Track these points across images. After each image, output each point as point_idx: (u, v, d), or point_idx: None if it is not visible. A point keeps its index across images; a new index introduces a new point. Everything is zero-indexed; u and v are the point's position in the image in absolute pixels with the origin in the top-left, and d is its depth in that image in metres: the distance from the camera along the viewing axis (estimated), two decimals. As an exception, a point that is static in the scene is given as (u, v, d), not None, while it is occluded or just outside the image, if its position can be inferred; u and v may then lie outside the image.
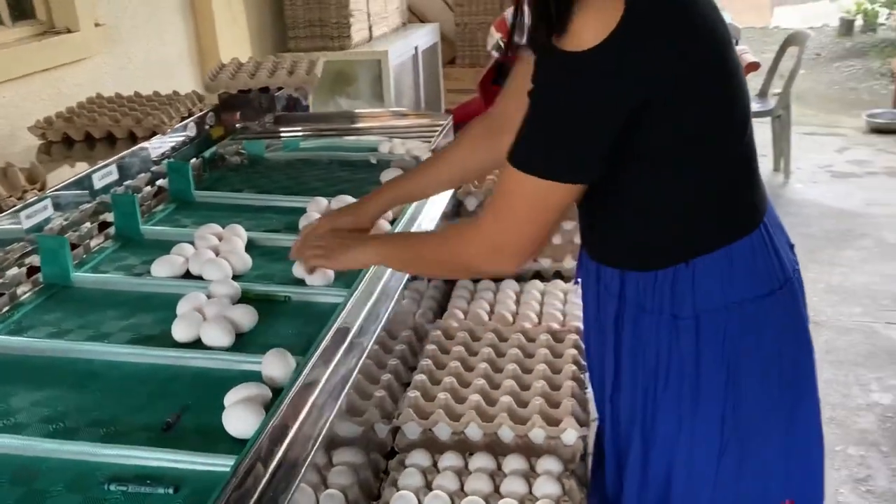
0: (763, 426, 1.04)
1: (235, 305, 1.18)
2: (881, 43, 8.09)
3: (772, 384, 1.03)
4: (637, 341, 1.06)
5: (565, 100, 0.89)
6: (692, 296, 1.00)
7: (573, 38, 0.86)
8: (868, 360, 2.67)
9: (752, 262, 1.00)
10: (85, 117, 1.80)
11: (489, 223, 1.00)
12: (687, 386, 1.03)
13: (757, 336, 1.01)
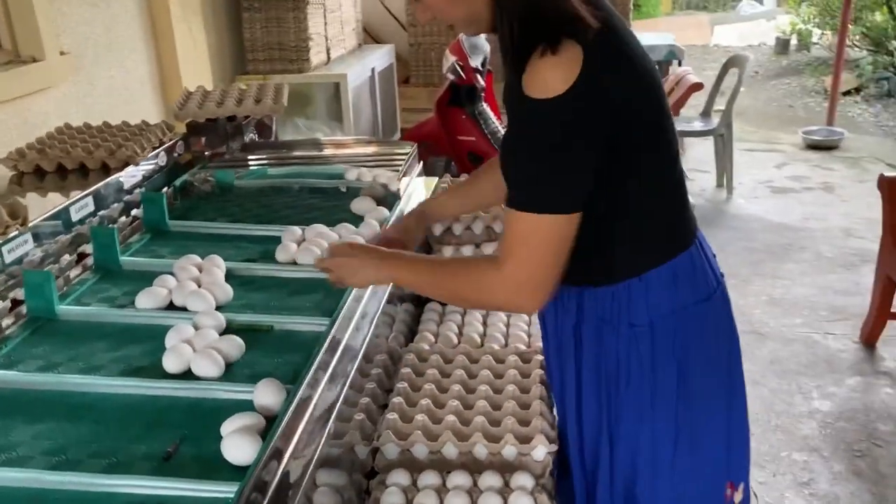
0: (709, 417, 1.19)
1: (222, 336, 1.23)
2: (815, 61, 8.49)
3: (714, 379, 1.19)
4: (598, 350, 1.18)
5: (550, 140, 1.00)
6: (646, 305, 1.13)
7: (544, 87, 0.97)
8: (809, 369, 2.84)
9: (692, 272, 1.15)
10: (57, 148, 1.82)
11: (510, 266, 1.07)
12: (645, 386, 1.16)
13: (701, 336, 1.16)
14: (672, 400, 1.16)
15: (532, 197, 1.03)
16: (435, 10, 1.07)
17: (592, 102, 0.99)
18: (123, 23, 2.61)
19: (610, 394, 1.19)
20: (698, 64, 8.78)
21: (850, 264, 3.69)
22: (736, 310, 3.30)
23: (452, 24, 1.12)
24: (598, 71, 0.98)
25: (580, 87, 0.97)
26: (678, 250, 1.15)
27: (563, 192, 1.03)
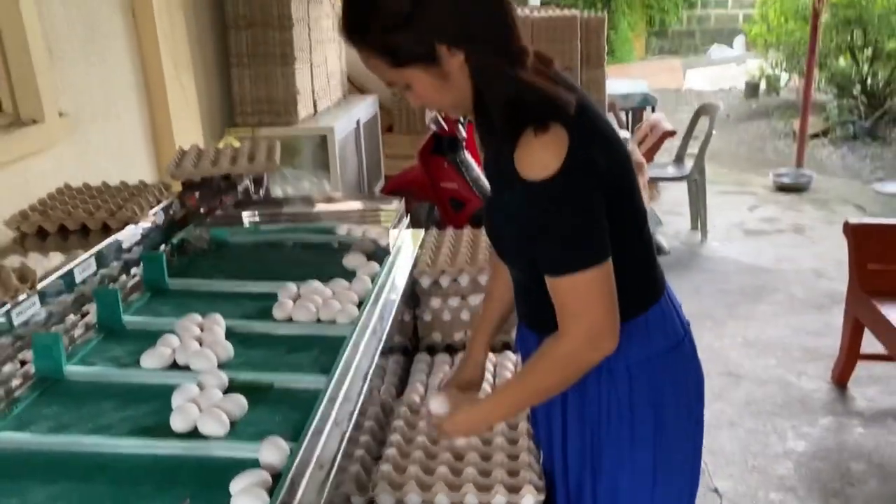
0: (680, 455, 1.32)
1: (226, 395, 1.30)
2: (784, 104, 8.76)
3: (685, 420, 1.31)
4: (581, 396, 1.29)
5: (564, 211, 1.12)
6: (624, 352, 1.23)
7: (541, 168, 1.10)
8: (784, 410, 2.93)
9: (663, 322, 1.28)
10: (59, 210, 1.89)
11: (574, 327, 1.16)
12: (625, 428, 1.28)
13: (673, 380, 1.28)
14: (649, 441, 1.29)
15: (569, 260, 1.13)
16: (423, 98, 1.17)
17: (585, 171, 1.12)
18: (119, 83, 2.69)
19: (593, 437, 1.31)
20: (672, 107, 9.03)
21: (822, 305, 3.81)
22: (711, 351, 3.42)
23: (439, 108, 1.21)
24: (582, 145, 1.11)
25: (571, 161, 1.09)
26: (651, 303, 1.28)
27: (595, 244, 1.14)
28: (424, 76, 1.13)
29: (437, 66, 1.12)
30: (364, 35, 1.13)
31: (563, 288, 1.16)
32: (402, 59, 1.12)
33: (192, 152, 2.34)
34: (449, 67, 1.12)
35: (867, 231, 2.97)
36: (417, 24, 1.09)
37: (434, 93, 1.16)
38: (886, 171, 6.23)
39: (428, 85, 1.14)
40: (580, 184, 1.11)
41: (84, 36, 2.49)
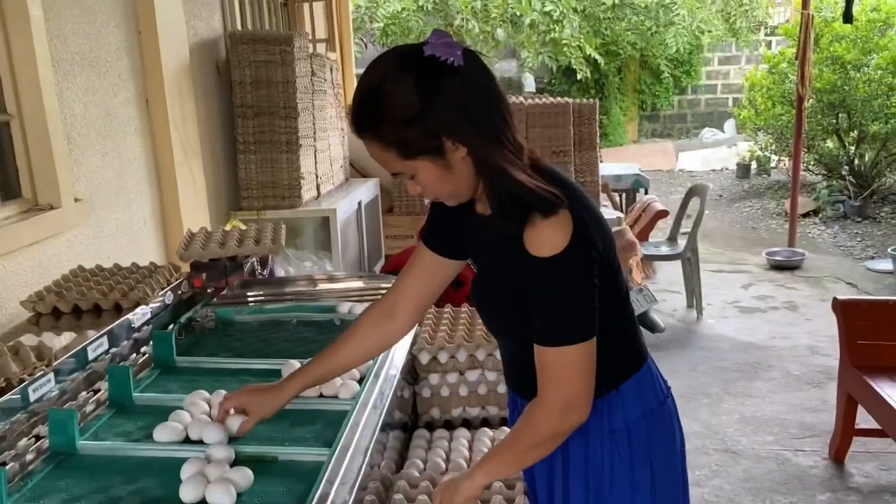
0: (674, 497, 1.42)
1: (233, 468, 1.35)
2: (775, 185, 8.97)
3: (675, 470, 1.41)
4: (585, 459, 1.38)
5: (567, 286, 1.23)
6: (622, 412, 1.35)
7: (551, 246, 1.21)
8: (781, 487, 2.94)
9: (651, 381, 1.40)
10: (73, 291, 1.98)
11: (551, 395, 1.26)
12: (626, 486, 1.37)
13: (664, 434, 1.40)
14: (648, 496, 1.38)
15: (567, 332, 1.24)
16: (424, 188, 1.27)
17: (586, 252, 1.24)
18: (131, 169, 2.83)
19: (597, 495, 1.38)
20: (665, 188, 9.25)
21: (818, 382, 3.85)
22: (709, 428, 3.45)
23: (437, 197, 1.31)
24: (582, 228, 1.23)
25: (575, 242, 1.22)
26: (640, 364, 1.40)
27: (582, 322, 1.25)
28: (431, 167, 1.23)
29: (442, 158, 1.22)
30: (377, 130, 1.22)
31: (550, 357, 1.25)
32: (411, 151, 1.21)
33: (201, 235, 2.45)
34: (453, 160, 1.22)
35: (855, 307, 3.05)
36: (426, 119, 1.18)
37: (437, 182, 1.25)
38: (877, 249, 6.35)
39: (433, 175, 1.24)
40: (583, 263, 1.23)
41: (100, 124, 2.63)
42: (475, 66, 1.23)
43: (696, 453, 3.19)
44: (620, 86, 11.96)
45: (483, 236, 1.39)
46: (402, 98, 1.18)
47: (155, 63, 2.95)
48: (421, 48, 1.20)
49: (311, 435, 1.54)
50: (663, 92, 12.23)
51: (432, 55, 1.18)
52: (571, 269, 1.23)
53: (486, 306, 1.44)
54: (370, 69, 1.23)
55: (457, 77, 1.19)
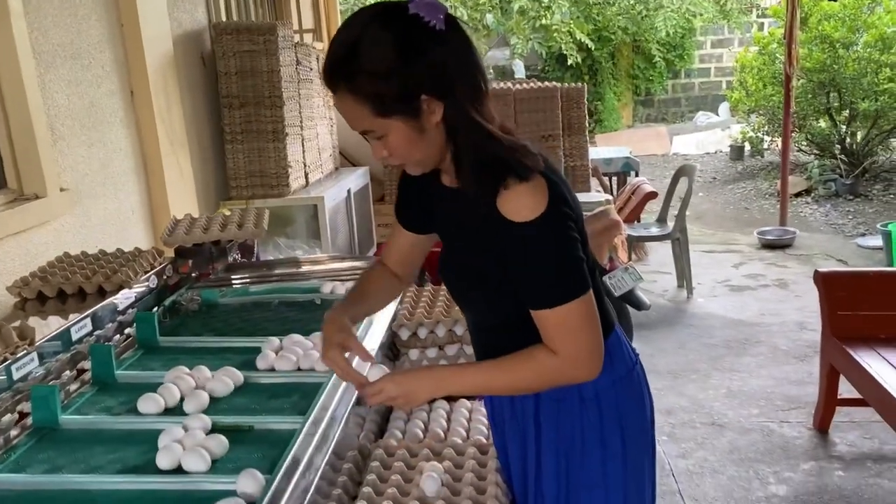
0: (644, 472, 1.43)
1: (209, 435, 1.40)
2: (768, 166, 8.99)
3: (645, 437, 1.43)
4: (557, 427, 1.39)
5: (551, 246, 1.23)
6: (593, 380, 1.33)
7: (530, 210, 1.20)
8: (766, 457, 2.98)
9: (619, 349, 1.41)
10: (58, 276, 2.02)
11: (564, 351, 1.25)
12: (597, 453, 1.38)
13: (633, 400, 1.41)
14: (619, 461, 1.40)
15: (560, 292, 1.23)
16: (392, 151, 1.24)
17: (565, 213, 1.24)
18: (117, 160, 2.87)
19: (569, 463, 1.40)
20: (660, 172, 9.27)
21: (804, 356, 3.89)
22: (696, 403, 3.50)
23: (403, 163, 1.30)
24: (559, 189, 1.24)
25: (553, 204, 1.21)
26: (608, 332, 1.39)
27: (577, 277, 1.25)
28: (404, 128, 1.20)
29: (417, 119, 1.20)
30: (352, 82, 1.18)
31: (552, 319, 1.24)
32: (387, 108, 1.18)
33: (185, 221, 2.49)
34: (427, 123, 1.21)
35: (836, 279, 3.09)
36: (405, 76, 1.16)
37: (407, 145, 1.23)
38: (868, 226, 6.38)
39: (404, 137, 1.21)
40: (564, 222, 1.23)
41: (84, 115, 2.67)
42: (456, 31, 1.21)
43: (682, 427, 3.24)
44: (614, 71, 11.97)
45: (450, 209, 1.39)
46: (381, 52, 1.16)
47: (138, 55, 2.98)
48: (404, 5, 1.18)
49: (288, 405, 1.58)
50: (657, 76, 12.25)
51: (416, 14, 1.17)
52: (556, 228, 1.22)
53: (455, 280, 1.44)
54: (350, 21, 1.20)
55: (437, 39, 1.18)
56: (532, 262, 1.23)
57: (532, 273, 1.24)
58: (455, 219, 1.39)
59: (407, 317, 2.17)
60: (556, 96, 5.45)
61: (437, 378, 1.37)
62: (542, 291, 1.25)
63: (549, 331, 1.26)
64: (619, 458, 1.40)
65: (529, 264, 1.24)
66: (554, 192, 1.22)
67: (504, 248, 1.25)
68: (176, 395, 1.56)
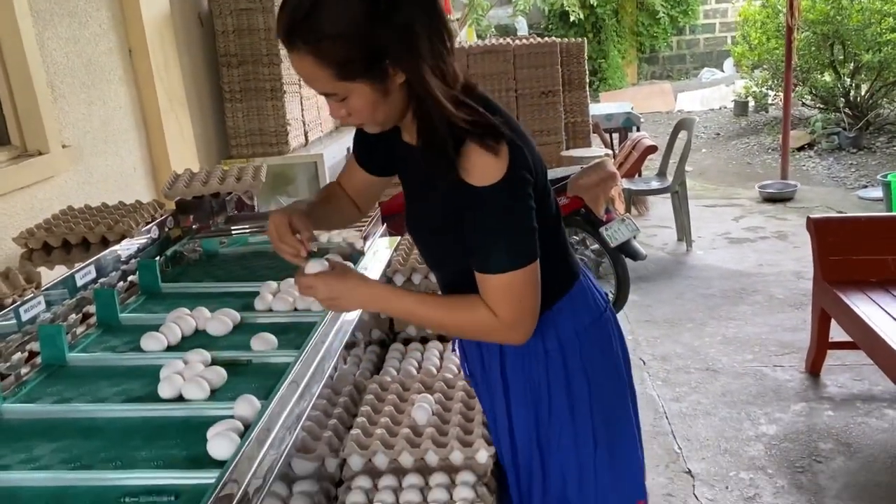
0: (619, 420, 1.45)
1: (208, 367, 1.47)
2: (772, 121, 8.95)
3: (618, 384, 1.44)
4: (524, 379, 1.42)
5: (508, 213, 1.22)
6: (555, 331, 1.38)
7: (490, 175, 1.19)
8: (758, 399, 3.06)
9: (584, 298, 1.42)
10: (63, 227, 2.09)
11: (504, 314, 1.25)
12: (564, 401, 1.40)
13: (601, 349, 1.43)
14: (587, 409, 1.41)
15: (506, 260, 1.23)
16: (354, 113, 1.22)
17: (523, 180, 1.23)
18: (118, 117, 2.92)
19: (538, 414, 1.42)
20: (663, 129, 9.23)
21: (800, 303, 3.94)
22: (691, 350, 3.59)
23: (362, 123, 1.27)
24: (519, 156, 1.23)
25: (512, 171, 1.21)
26: (572, 282, 1.42)
27: (526, 247, 1.24)
28: (367, 91, 1.17)
29: (382, 83, 1.17)
30: (315, 45, 1.14)
31: (495, 283, 1.24)
32: (351, 73, 1.15)
33: (185, 175, 2.54)
34: (391, 86, 1.18)
35: (828, 224, 3.13)
36: (371, 40, 1.13)
37: (369, 107, 1.20)
38: (870, 179, 6.38)
39: (367, 100, 1.19)
40: (521, 190, 1.23)
41: (83, 73, 2.72)
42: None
43: (676, 373, 3.31)
44: (618, 28, 11.86)
45: (412, 164, 1.36)
46: (347, 13, 1.12)
47: (135, 13, 3.01)
48: None
49: (284, 342, 1.65)
50: (661, 33, 12.12)
51: None
52: (511, 196, 1.21)
53: (420, 236, 1.42)
54: None
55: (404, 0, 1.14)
56: (483, 226, 1.22)
57: (481, 237, 1.23)
58: (417, 176, 1.37)
59: (401, 263, 2.24)
60: (556, 52, 5.45)
61: (372, 294, 1.36)
62: (489, 256, 1.24)
63: (490, 293, 1.26)
64: (586, 406, 1.40)
65: (480, 228, 1.23)
66: (515, 157, 1.20)
67: (461, 209, 1.23)
68: (177, 333, 1.63)
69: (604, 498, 1.44)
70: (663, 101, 10.64)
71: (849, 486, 2.46)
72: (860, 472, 2.52)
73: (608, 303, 1.49)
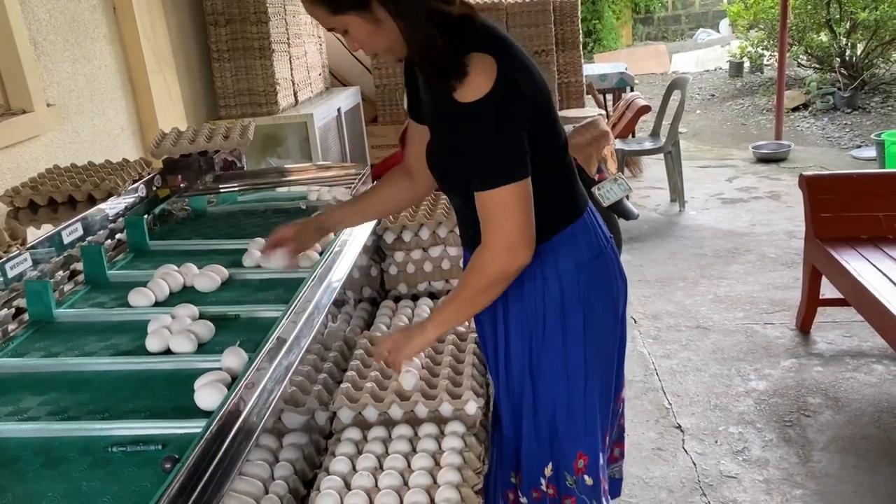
0: (609, 353, 1.49)
1: (196, 322, 1.47)
2: (767, 82, 8.89)
3: (612, 318, 1.48)
4: (521, 303, 1.46)
5: (492, 129, 1.27)
6: (554, 262, 1.42)
7: (473, 92, 1.26)
8: (748, 356, 3.08)
9: (586, 234, 1.45)
10: (48, 185, 2.07)
11: (493, 237, 1.32)
12: (558, 328, 1.45)
13: (598, 284, 1.46)
14: (580, 338, 1.45)
15: (497, 174, 1.28)
16: (360, 42, 1.31)
17: (512, 96, 1.27)
18: (103, 76, 2.87)
19: (532, 341, 1.47)
20: (658, 91, 9.16)
21: (792, 262, 3.96)
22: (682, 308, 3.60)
23: (375, 53, 1.37)
24: (509, 73, 1.27)
25: (499, 86, 1.25)
26: (575, 217, 1.46)
27: (516, 162, 1.29)
28: (360, 22, 1.27)
29: (369, 12, 1.25)
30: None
31: (487, 200, 1.30)
32: (339, 6, 1.26)
33: (172, 134, 2.52)
34: (381, 15, 1.25)
35: (819, 181, 3.12)
36: None
37: (369, 37, 1.30)
38: (864, 139, 6.36)
39: (363, 30, 1.28)
40: (507, 106, 1.27)
41: (67, 31, 2.67)
42: None
43: (667, 330, 3.33)
44: (612, -12, 11.71)
45: (426, 97, 1.44)
46: None
47: (119, -30, 2.95)
48: None
49: (273, 297, 1.64)
50: (656, -7, 11.98)
51: None
52: (494, 113, 1.26)
53: (436, 166, 1.48)
54: None
55: None
56: (471, 141, 1.28)
57: (470, 152, 1.29)
58: (430, 107, 1.44)
59: (391, 220, 2.22)
60: (549, 10, 5.36)
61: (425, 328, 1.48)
62: (477, 172, 1.29)
63: (482, 213, 1.32)
64: (579, 338, 1.45)
65: (469, 143, 1.29)
66: (502, 73, 1.25)
67: (455, 128, 1.30)
68: (165, 289, 1.63)
69: (592, 427, 1.49)
70: (658, 62, 10.55)
71: (836, 438, 2.48)
72: (847, 425, 2.55)
73: (609, 242, 1.51)
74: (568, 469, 1.50)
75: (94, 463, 1.09)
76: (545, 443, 1.50)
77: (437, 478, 1.35)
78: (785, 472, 2.35)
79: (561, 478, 1.51)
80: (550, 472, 1.51)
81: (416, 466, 1.38)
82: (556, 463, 1.51)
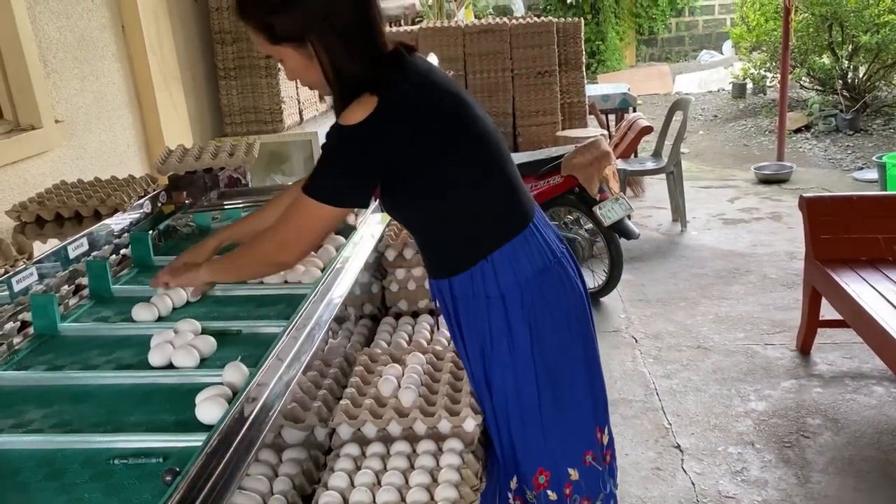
0: (565, 367, 1.48)
1: (198, 336, 1.49)
2: (770, 103, 8.92)
3: (565, 334, 1.48)
4: (470, 321, 1.49)
5: (343, 152, 1.36)
6: (495, 280, 1.44)
7: (345, 118, 1.34)
8: (748, 376, 3.08)
9: (528, 249, 1.46)
10: (55, 200, 2.10)
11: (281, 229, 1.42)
12: (505, 345, 1.46)
13: (544, 300, 1.46)
14: (528, 355, 1.47)
15: (323, 189, 1.37)
16: (294, 73, 1.40)
17: (377, 134, 1.32)
18: (111, 93, 2.91)
19: (484, 359, 1.50)
20: (661, 112, 9.21)
21: (793, 283, 3.97)
22: (683, 328, 3.61)
23: (307, 84, 1.44)
24: (387, 115, 1.33)
25: (369, 123, 1.31)
26: (514, 233, 1.47)
27: (344, 190, 1.37)
28: (295, 55, 1.35)
29: (304, 47, 1.33)
30: (248, 15, 1.36)
31: (299, 202, 1.39)
32: (276, 37, 1.34)
33: (178, 151, 2.54)
34: (312, 52, 1.34)
35: (819, 203, 3.14)
36: (289, 13, 1.31)
37: (302, 70, 1.38)
38: (866, 160, 6.38)
39: (297, 63, 1.36)
40: (370, 143, 1.33)
41: (76, 49, 2.71)
42: None
43: (668, 350, 3.34)
44: (616, 9, 11.80)
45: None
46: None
47: (128, -11, 2.99)
48: None
49: (274, 313, 1.66)
50: (660, 15, 12.07)
51: None
52: (352, 142, 1.33)
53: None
54: None
55: None
56: (325, 152, 1.38)
57: (320, 160, 1.39)
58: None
59: (392, 238, 2.25)
60: (553, 31, 5.43)
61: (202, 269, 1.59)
62: (312, 177, 1.38)
63: (289, 208, 1.41)
64: (527, 353, 1.46)
65: (323, 153, 1.38)
66: (378, 113, 1.31)
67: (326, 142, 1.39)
68: (168, 304, 1.65)
69: (550, 439, 1.50)
70: (661, 83, 10.61)
71: (835, 460, 2.49)
72: (847, 446, 2.55)
73: (557, 257, 1.50)
74: (527, 484, 1.53)
75: (96, 475, 1.10)
76: (509, 456, 1.53)
77: (434, 494, 1.36)
78: (784, 493, 2.35)
79: (524, 492, 1.54)
80: (515, 484, 1.54)
81: (413, 483, 1.39)
82: (519, 476, 1.54)
